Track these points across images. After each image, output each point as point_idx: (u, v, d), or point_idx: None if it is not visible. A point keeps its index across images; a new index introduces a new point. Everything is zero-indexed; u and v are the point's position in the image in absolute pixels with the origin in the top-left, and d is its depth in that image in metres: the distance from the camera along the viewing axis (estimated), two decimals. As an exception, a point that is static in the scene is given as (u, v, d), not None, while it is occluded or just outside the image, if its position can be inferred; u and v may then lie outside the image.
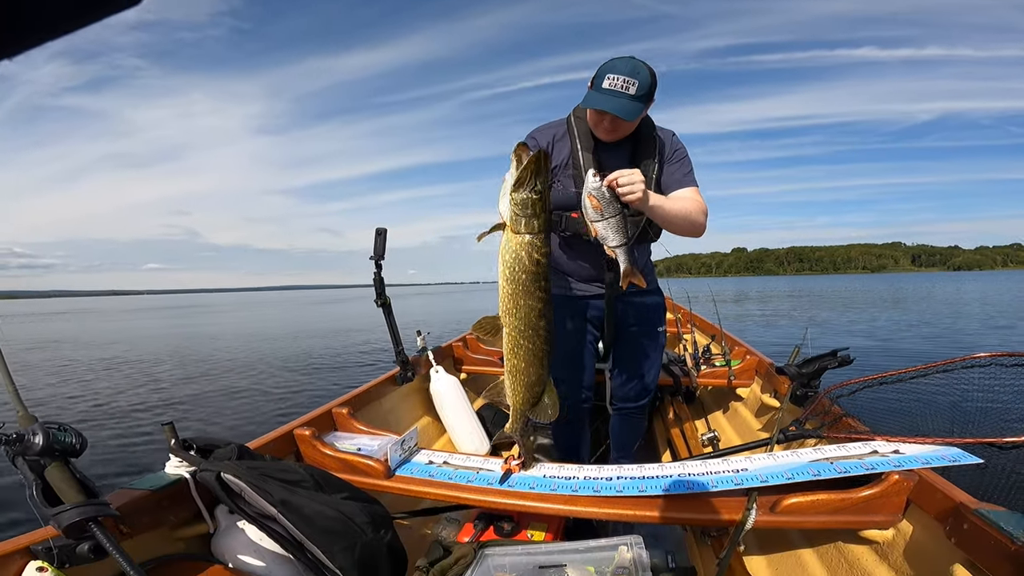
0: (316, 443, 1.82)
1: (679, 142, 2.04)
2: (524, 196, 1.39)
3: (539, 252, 1.44)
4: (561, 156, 2.00)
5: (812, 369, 2.20)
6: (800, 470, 1.54)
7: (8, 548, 1.07)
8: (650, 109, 1.86)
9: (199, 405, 6.96)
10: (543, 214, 1.42)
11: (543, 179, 1.40)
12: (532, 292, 1.47)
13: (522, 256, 1.44)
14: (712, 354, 3.26)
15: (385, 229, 2.50)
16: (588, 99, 1.80)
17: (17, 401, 1.18)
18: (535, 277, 1.46)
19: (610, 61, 1.79)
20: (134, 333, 20.45)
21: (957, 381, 1.80)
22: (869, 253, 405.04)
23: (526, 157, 1.39)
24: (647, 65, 1.78)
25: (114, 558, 0.97)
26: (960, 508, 1.24)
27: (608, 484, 1.64)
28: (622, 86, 1.74)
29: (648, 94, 1.79)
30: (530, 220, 1.41)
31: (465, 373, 3.25)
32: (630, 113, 1.77)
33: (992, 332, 13.18)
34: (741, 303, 27.91)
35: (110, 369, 10.55)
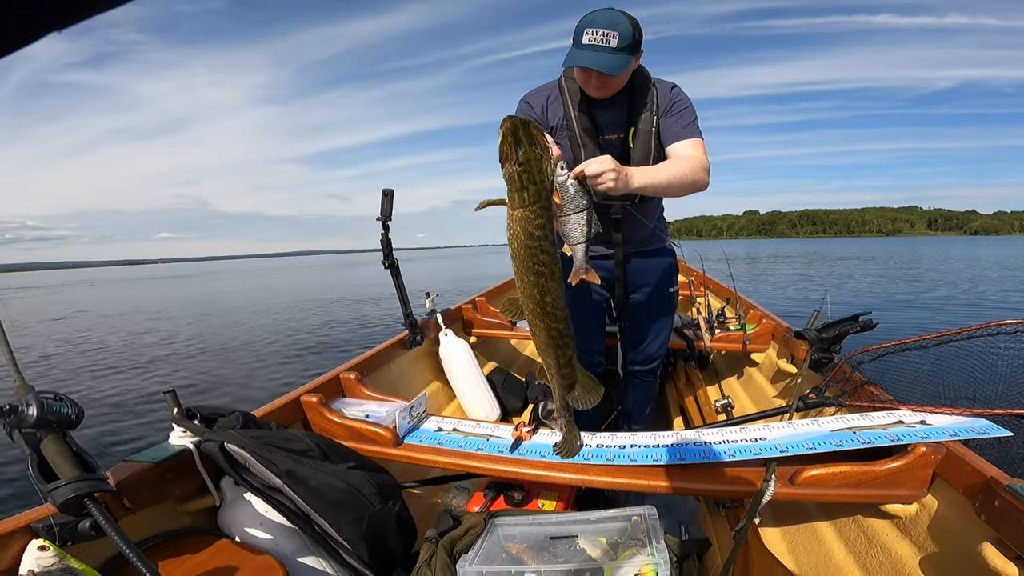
0: (323, 410, 1.78)
1: (680, 93, 1.92)
2: (508, 171, 1.32)
3: (532, 224, 1.35)
4: (556, 118, 1.92)
5: (833, 334, 2.13)
6: (822, 440, 1.49)
7: (8, 527, 1.05)
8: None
9: (205, 373, 7.01)
10: (531, 185, 1.33)
11: (525, 149, 1.30)
12: (531, 267, 1.39)
13: (517, 231, 1.36)
14: (726, 318, 3.19)
15: (392, 190, 2.43)
16: (569, 57, 1.71)
17: (15, 370, 1.14)
18: (532, 251, 1.38)
19: (588, 15, 1.69)
20: (144, 303, 20.63)
21: (983, 348, 1.73)
22: (884, 216, 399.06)
23: (504, 130, 1.30)
24: (627, 14, 1.67)
25: (111, 536, 0.94)
26: (991, 483, 1.18)
27: (621, 452, 1.60)
28: (602, 39, 1.65)
29: (632, 44, 1.68)
30: (519, 193, 1.33)
31: (475, 336, 3.20)
32: (613, 67, 1.67)
33: (1010, 299, 12.99)
34: (754, 264, 27.65)
35: (119, 339, 10.68)
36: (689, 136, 1.85)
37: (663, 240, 2.15)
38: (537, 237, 1.36)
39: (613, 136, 1.91)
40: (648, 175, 1.65)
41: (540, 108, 1.93)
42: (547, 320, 1.45)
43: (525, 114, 1.94)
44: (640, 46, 1.71)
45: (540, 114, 1.94)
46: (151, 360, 8.05)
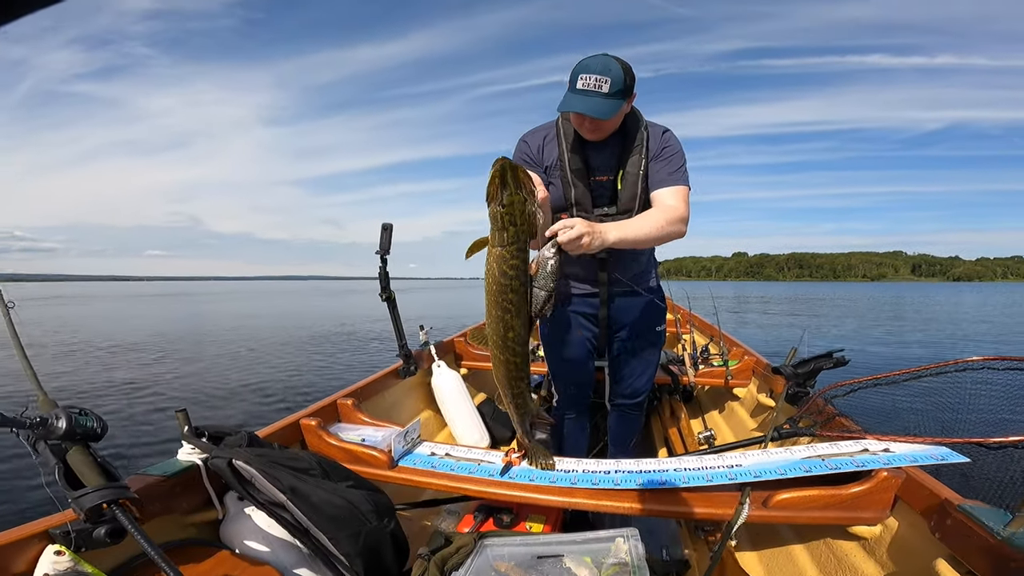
0: (321, 433, 1.86)
1: (671, 139, 1.99)
2: (492, 210, 1.41)
3: (507, 264, 1.44)
4: (551, 158, 2.01)
5: (807, 370, 2.24)
6: (792, 466, 1.58)
7: (27, 532, 1.11)
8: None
9: (206, 394, 7.04)
10: (511, 227, 1.42)
11: (510, 192, 1.39)
12: (500, 303, 1.49)
13: (493, 268, 1.46)
14: (710, 354, 3.31)
15: (391, 224, 2.54)
16: (564, 102, 1.79)
17: (37, 386, 1.23)
18: (502, 289, 1.47)
19: (583, 60, 1.77)
20: (137, 321, 20.52)
21: (950, 384, 1.84)
22: (869, 261, 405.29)
23: (493, 171, 1.39)
24: (620, 60, 1.76)
25: (135, 539, 1.01)
26: (945, 504, 1.29)
27: (606, 477, 1.68)
28: (595, 85, 1.73)
29: (623, 90, 1.76)
30: (500, 233, 1.42)
31: (466, 368, 3.29)
32: (604, 112, 1.75)
33: (984, 342, 13.35)
34: (741, 306, 28.02)
35: (116, 356, 10.63)
36: (674, 184, 1.93)
37: (650, 280, 2.22)
38: (509, 276, 1.45)
39: (604, 177, 1.99)
40: (622, 231, 1.73)
41: (537, 148, 2.03)
42: (507, 353, 1.54)
43: (523, 152, 2.05)
44: (632, 91, 1.81)
45: (536, 153, 2.03)
46: (144, 379, 8.05)
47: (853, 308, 28.27)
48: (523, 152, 2.06)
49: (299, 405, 2.08)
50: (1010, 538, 1.11)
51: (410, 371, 2.74)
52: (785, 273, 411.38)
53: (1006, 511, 1.20)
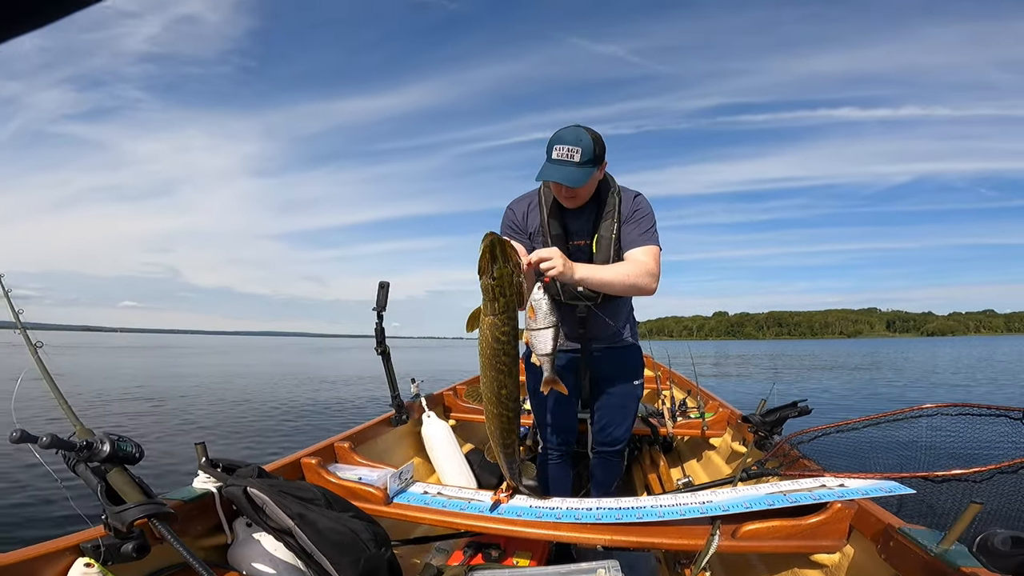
0: (321, 471, 1.97)
1: (641, 202, 2.13)
2: (484, 283, 1.61)
3: (499, 331, 1.63)
4: (534, 224, 2.18)
5: (774, 418, 2.42)
6: (757, 501, 1.73)
7: (60, 545, 1.23)
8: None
9: (207, 435, 7.06)
10: (501, 298, 1.60)
11: (499, 266, 1.57)
12: (494, 365, 1.68)
13: (487, 334, 1.65)
14: (688, 407, 3.47)
15: (387, 282, 2.71)
16: (541, 171, 1.94)
17: (72, 416, 1.36)
18: (496, 352, 1.66)
19: (558, 131, 1.94)
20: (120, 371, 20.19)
21: (906, 428, 2.02)
22: (846, 318, 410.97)
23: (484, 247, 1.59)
24: (590, 131, 1.93)
25: (175, 549, 1.13)
26: (889, 529, 1.44)
27: (588, 513, 1.81)
28: (567, 155, 1.88)
29: (594, 159, 1.90)
30: (491, 303, 1.62)
31: (454, 420, 3.41)
32: (576, 180, 1.90)
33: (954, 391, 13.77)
34: (720, 363, 28.38)
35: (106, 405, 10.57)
36: (644, 244, 2.08)
37: (629, 338, 2.37)
38: (502, 341, 1.65)
39: (581, 242, 2.15)
40: (591, 270, 1.92)
41: (522, 215, 2.21)
42: (500, 408, 1.75)
43: (509, 220, 2.23)
44: (602, 159, 1.98)
45: (521, 220, 2.21)
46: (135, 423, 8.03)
47: (827, 362, 28.83)
48: (510, 220, 2.24)
49: (294, 449, 2.21)
50: (942, 554, 1.27)
51: (401, 420, 2.86)
52: (764, 331, 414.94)
53: (940, 531, 1.36)
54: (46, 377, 1.52)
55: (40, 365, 1.55)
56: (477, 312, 1.66)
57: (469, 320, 1.68)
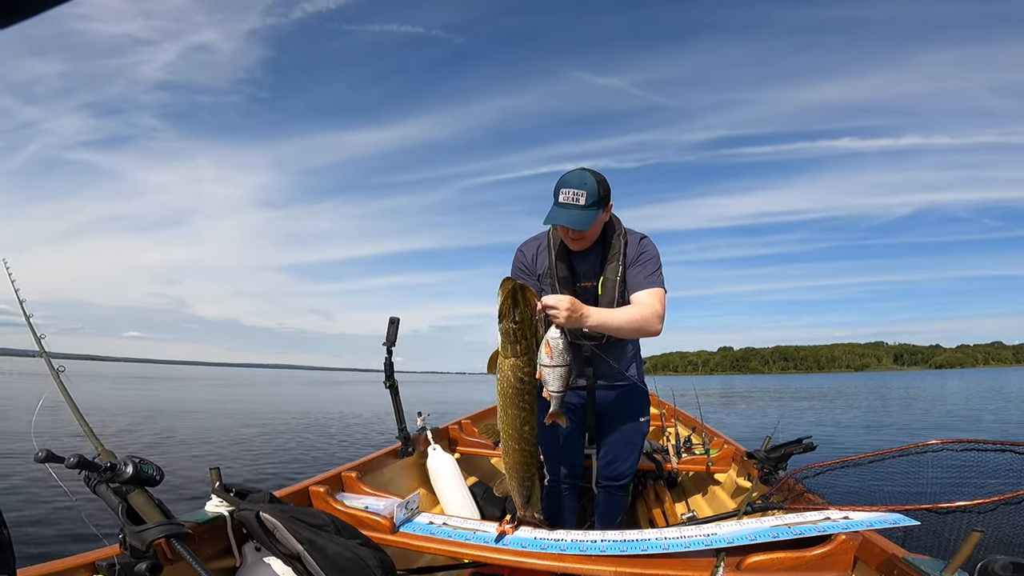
0: (329, 499, 2.00)
1: (647, 244, 2.17)
2: (505, 327, 1.69)
3: (522, 372, 1.72)
4: (542, 267, 2.23)
5: (779, 454, 2.44)
6: (762, 533, 1.74)
7: (76, 562, 1.26)
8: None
9: (215, 462, 7.05)
10: (523, 340, 1.69)
11: (520, 311, 1.66)
12: (517, 404, 1.77)
13: (508, 375, 1.73)
14: (692, 444, 3.48)
15: (398, 318, 2.76)
16: (549, 215, 1.99)
17: (94, 439, 1.41)
18: (519, 392, 1.75)
19: (564, 175, 2.00)
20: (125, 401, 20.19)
21: (911, 464, 2.04)
22: (853, 352, 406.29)
23: (507, 285, 1.68)
24: (595, 174, 1.98)
25: (193, 568, 1.17)
26: (892, 559, 1.46)
27: (593, 545, 1.82)
28: (573, 198, 1.94)
29: (598, 201, 1.95)
30: (513, 346, 1.70)
31: (459, 453, 3.42)
32: (581, 223, 1.95)
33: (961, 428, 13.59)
34: (727, 399, 28.16)
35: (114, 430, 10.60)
36: (650, 286, 2.11)
37: (634, 377, 2.39)
38: (525, 382, 1.74)
39: (587, 284, 2.19)
40: (603, 316, 1.95)
41: (531, 258, 2.25)
42: (522, 444, 1.82)
43: (519, 261, 2.27)
44: (607, 201, 2.03)
45: (531, 262, 2.25)
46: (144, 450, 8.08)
47: (836, 397, 28.57)
48: (520, 262, 2.29)
49: (301, 477, 2.24)
50: None
51: (407, 452, 2.89)
52: (770, 366, 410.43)
53: (943, 560, 1.37)
54: (69, 401, 1.56)
55: (63, 389, 1.60)
56: (496, 355, 1.75)
57: (489, 362, 1.77)
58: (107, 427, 10.39)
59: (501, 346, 1.71)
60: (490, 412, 4.39)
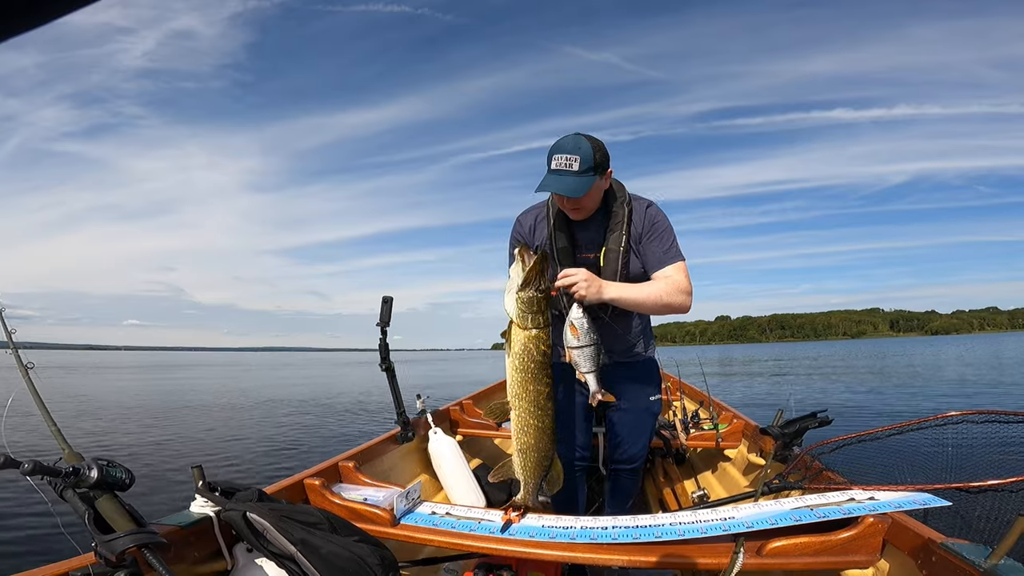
0: (325, 492, 1.89)
1: (656, 213, 2.03)
2: (531, 295, 1.59)
3: (545, 344, 1.63)
4: (541, 237, 2.10)
5: (794, 430, 2.33)
6: (783, 516, 1.65)
7: (50, 572, 1.15)
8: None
9: (209, 454, 7.01)
10: (548, 310, 1.61)
11: (546, 279, 1.59)
12: (540, 378, 1.67)
13: (531, 348, 1.63)
14: (700, 418, 3.38)
15: (391, 297, 2.64)
16: (542, 183, 1.86)
17: (61, 440, 1.29)
18: (542, 366, 1.65)
19: (558, 140, 1.86)
20: (125, 390, 20.20)
21: (932, 437, 1.94)
22: (849, 319, 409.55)
23: (529, 259, 1.59)
24: (591, 138, 1.85)
25: None
26: (929, 544, 1.36)
27: (604, 532, 1.72)
28: (566, 164, 1.80)
29: (594, 166, 1.82)
30: (536, 316, 1.61)
31: (461, 435, 3.33)
32: (576, 189, 1.81)
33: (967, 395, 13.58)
34: (726, 369, 28.26)
35: (110, 422, 10.54)
36: (671, 260, 1.98)
37: (644, 351, 2.28)
38: (547, 355, 1.65)
39: (589, 255, 2.06)
40: (621, 289, 1.85)
41: (529, 228, 2.13)
42: (545, 421, 1.72)
43: (516, 231, 2.16)
44: (605, 167, 1.88)
45: (528, 233, 2.13)
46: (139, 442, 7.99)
47: (836, 366, 28.73)
48: (517, 232, 2.17)
49: (297, 469, 2.13)
50: (992, 569, 1.18)
51: (407, 437, 2.78)
52: (767, 335, 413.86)
53: (986, 546, 1.28)
54: (36, 399, 1.45)
55: (31, 387, 1.48)
56: (511, 327, 1.65)
57: (504, 334, 1.68)
58: (95, 421, 10.30)
59: (519, 317, 1.61)
60: (490, 391, 4.28)
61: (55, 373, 30.25)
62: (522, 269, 1.59)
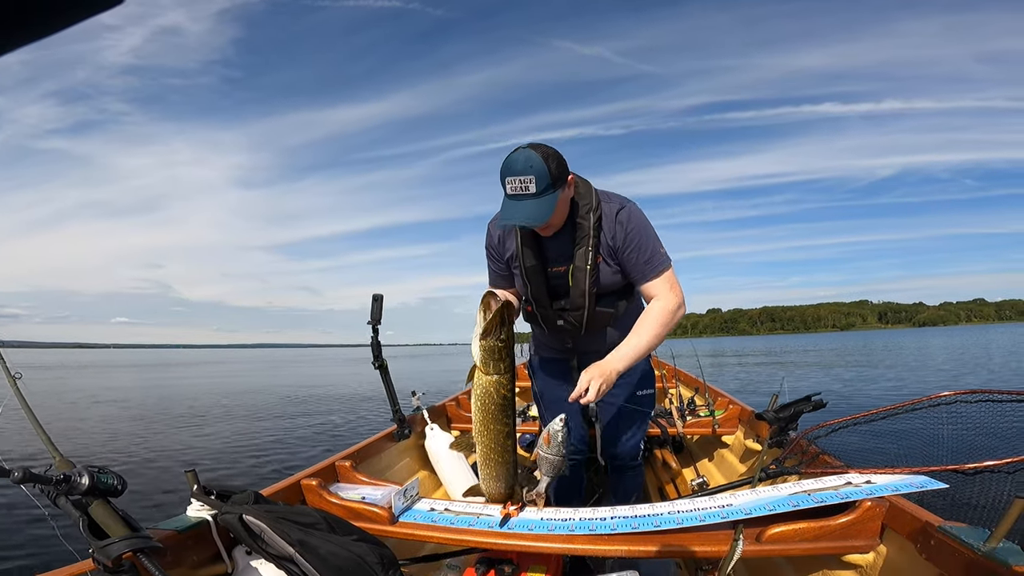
0: (322, 492, 1.89)
1: (628, 218, 1.87)
2: (491, 344, 1.63)
3: (505, 388, 1.70)
4: (509, 250, 2.00)
5: (789, 414, 2.33)
6: (780, 502, 1.65)
7: None
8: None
9: (204, 457, 6.99)
10: (508, 358, 1.66)
11: (507, 329, 1.63)
12: (500, 419, 1.75)
13: (491, 391, 1.70)
14: (697, 405, 3.39)
15: (381, 295, 2.62)
16: (501, 212, 1.75)
17: (51, 448, 1.28)
18: (502, 408, 1.73)
19: (507, 159, 1.70)
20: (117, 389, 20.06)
21: (925, 418, 1.95)
22: (838, 312, 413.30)
23: (494, 304, 1.62)
24: (541, 148, 1.69)
25: None
26: (927, 527, 1.36)
27: (603, 523, 1.72)
28: (521, 187, 1.67)
29: (552, 182, 1.67)
30: (496, 363, 1.66)
31: (458, 431, 3.33)
32: (538, 216, 1.69)
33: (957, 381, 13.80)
34: (719, 360, 28.43)
35: (101, 424, 10.46)
36: (654, 272, 1.87)
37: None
38: (508, 399, 1.71)
39: (560, 268, 1.94)
40: (627, 359, 1.80)
41: (498, 238, 2.03)
42: (505, 456, 1.81)
43: (487, 242, 2.08)
44: (563, 178, 1.73)
45: (498, 244, 2.04)
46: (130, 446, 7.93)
47: (826, 356, 29.01)
48: (488, 242, 2.08)
49: (294, 470, 2.12)
50: (991, 552, 1.19)
51: (404, 434, 2.78)
52: (758, 327, 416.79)
53: (985, 528, 1.28)
54: (25, 408, 1.43)
55: (19, 397, 1.46)
56: (474, 369, 1.71)
57: (468, 376, 1.75)
58: (85, 426, 10.19)
59: (482, 362, 1.67)
60: None
61: (44, 374, 29.93)
62: (483, 318, 1.63)
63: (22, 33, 0.22)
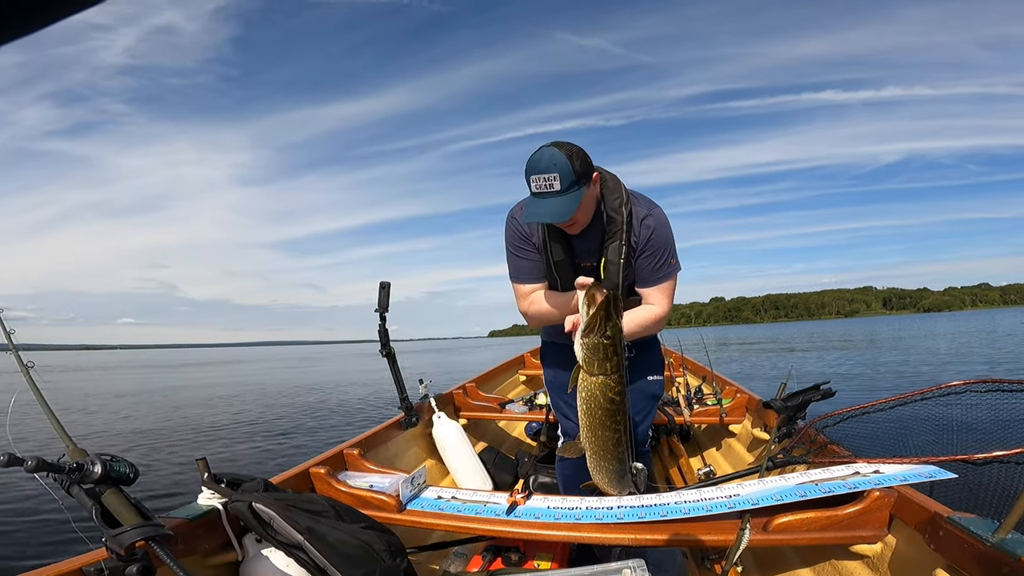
0: (331, 480, 1.90)
1: (655, 224, 1.87)
2: (595, 341, 1.45)
3: (612, 391, 1.51)
4: (538, 241, 1.97)
5: (797, 403, 2.32)
6: (788, 492, 1.65)
7: (63, 569, 1.17)
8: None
9: (213, 449, 7.05)
10: (615, 356, 1.47)
11: (612, 324, 1.43)
12: (608, 425, 1.57)
13: (596, 394, 1.52)
14: (704, 394, 3.39)
15: (388, 283, 2.62)
16: (527, 210, 1.75)
17: (65, 437, 1.29)
18: (610, 413, 1.54)
19: (531, 157, 1.70)
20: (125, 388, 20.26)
21: (934, 408, 1.93)
22: (842, 298, 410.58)
23: (599, 297, 1.42)
24: (565, 147, 1.69)
25: (175, 573, 1.06)
26: (936, 518, 1.36)
27: (609, 512, 1.73)
28: (546, 185, 1.66)
29: (576, 178, 1.67)
30: (602, 363, 1.48)
31: (465, 419, 3.34)
32: (563, 212, 1.68)
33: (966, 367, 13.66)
34: (725, 349, 28.36)
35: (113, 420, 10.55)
36: (658, 282, 1.90)
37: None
38: (617, 402, 1.54)
39: (589, 264, 1.94)
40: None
41: (527, 229, 1.98)
42: (615, 464, 1.66)
43: (513, 230, 2.00)
44: (588, 175, 1.73)
45: (528, 235, 1.98)
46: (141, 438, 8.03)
47: (832, 344, 28.87)
48: (516, 229, 2.01)
49: (302, 458, 2.13)
50: (999, 544, 1.18)
51: (411, 422, 2.79)
52: (762, 315, 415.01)
53: (994, 520, 1.28)
54: (38, 397, 1.45)
55: (32, 385, 1.48)
56: (578, 370, 1.54)
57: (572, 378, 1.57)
58: (99, 421, 10.31)
59: (586, 362, 1.50)
60: (493, 373, 4.26)
61: (55, 375, 30.21)
62: (586, 312, 1.45)
63: (5, 30, 0.22)
